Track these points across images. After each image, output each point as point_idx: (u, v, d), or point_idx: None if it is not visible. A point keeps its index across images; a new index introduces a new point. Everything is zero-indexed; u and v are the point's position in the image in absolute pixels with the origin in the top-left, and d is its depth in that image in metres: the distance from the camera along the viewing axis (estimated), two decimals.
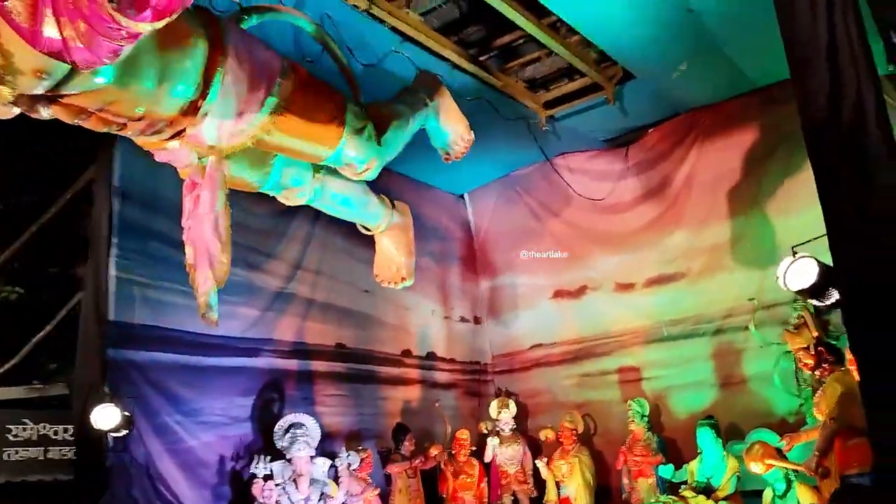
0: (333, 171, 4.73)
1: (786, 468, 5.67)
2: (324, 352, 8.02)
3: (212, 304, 3.76)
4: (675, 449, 8.44)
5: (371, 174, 4.52)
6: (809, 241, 4.43)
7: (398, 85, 6.28)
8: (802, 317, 5.67)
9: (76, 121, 3.39)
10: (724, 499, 6.56)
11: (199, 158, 3.81)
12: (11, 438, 5.68)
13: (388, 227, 5.11)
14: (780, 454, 5.89)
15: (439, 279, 10.12)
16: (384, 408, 8.67)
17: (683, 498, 6.44)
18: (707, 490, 6.61)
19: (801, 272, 4.18)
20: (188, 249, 3.82)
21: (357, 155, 4.24)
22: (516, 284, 10.54)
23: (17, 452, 5.65)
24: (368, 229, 5.19)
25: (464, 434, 8.54)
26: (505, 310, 10.60)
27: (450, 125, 5.17)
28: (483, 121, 5.09)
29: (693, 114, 9.06)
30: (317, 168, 4.61)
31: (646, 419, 8.07)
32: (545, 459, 8.42)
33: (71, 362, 6.32)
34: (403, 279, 5.17)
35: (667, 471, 7.40)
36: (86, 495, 5.68)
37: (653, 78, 8.01)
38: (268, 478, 6.43)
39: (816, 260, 4.29)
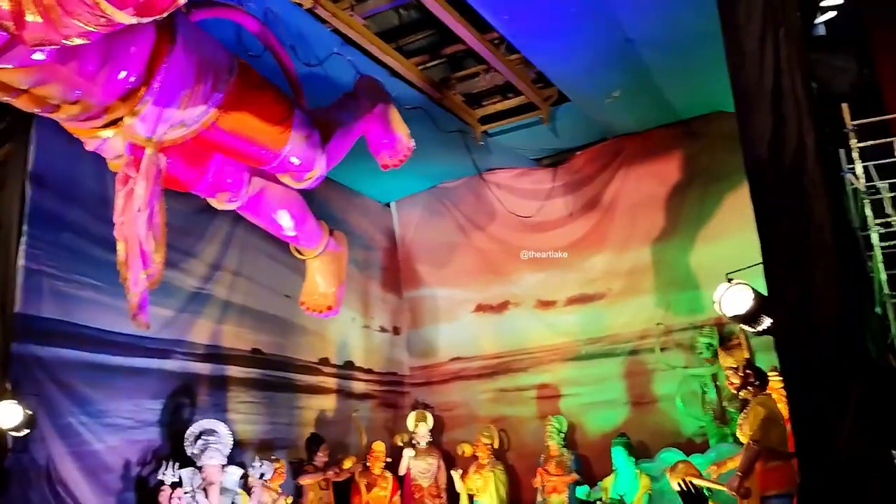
0: (272, 179, 4.61)
1: (708, 487, 5.86)
2: (239, 356, 7.76)
3: (144, 306, 3.57)
4: (588, 466, 8.63)
5: (312, 183, 4.41)
6: (743, 268, 4.62)
7: (335, 89, 6.24)
8: (738, 337, 5.88)
9: (4, 97, 3.17)
10: None
11: (131, 152, 3.63)
12: None
13: (321, 253, 5.00)
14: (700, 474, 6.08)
15: (361, 287, 10.00)
16: (299, 417, 8.47)
17: None
18: None
19: (736, 298, 4.35)
20: (119, 246, 3.61)
21: (301, 161, 4.12)
22: (438, 297, 10.54)
23: None
24: (301, 252, 5.07)
25: (379, 446, 8.45)
26: (425, 322, 10.57)
27: (392, 132, 5.13)
28: (416, 131, 5.07)
29: (620, 140, 9.34)
30: (254, 173, 4.47)
31: (562, 436, 8.18)
32: (460, 471, 8.42)
33: None
34: (329, 308, 5.06)
35: (582, 490, 7.52)
36: None
37: (586, 102, 8.21)
38: (176, 485, 6.14)
39: (752, 287, 4.47)
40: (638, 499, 6.84)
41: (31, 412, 5.41)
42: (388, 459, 8.50)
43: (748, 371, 5.72)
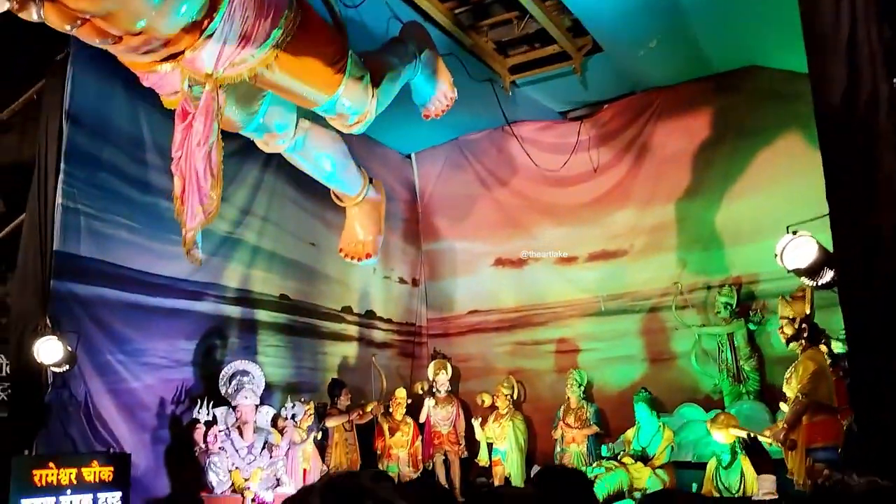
0: (320, 122, 4.60)
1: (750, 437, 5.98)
2: (268, 301, 7.84)
3: (198, 242, 3.61)
4: (604, 419, 8.75)
5: (361, 127, 4.40)
6: (808, 220, 4.55)
7: (369, 35, 6.17)
8: (802, 289, 5.87)
9: (67, 27, 3.15)
10: (660, 467, 6.85)
11: (189, 86, 3.61)
12: None
13: (361, 201, 5.01)
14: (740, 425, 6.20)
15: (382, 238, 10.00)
16: (322, 363, 8.58)
17: (623, 464, 6.69)
18: (643, 458, 6.89)
19: (800, 250, 4.29)
20: (176, 181, 3.63)
21: (352, 104, 4.11)
22: (457, 250, 10.56)
23: None
24: (341, 200, 5.08)
25: (401, 392, 8.58)
26: (444, 274, 10.62)
27: (436, 81, 5.10)
28: None
29: (650, 93, 9.25)
30: (303, 117, 4.46)
31: (583, 389, 8.29)
32: (480, 419, 8.56)
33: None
34: (368, 255, 5.09)
35: (604, 449, 7.61)
36: (21, 432, 5.39)
37: (619, 53, 8.11)
38: (210, 423, 6.27)
39: (816, 240, 4.42)
40: (661, 451, 6.96)
41: (71, 349, 5.49)
42: (409, 401, 8.62)
43: (804, 325, 5.72)
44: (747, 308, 8.53)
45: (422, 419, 8.67)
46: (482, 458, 8.54)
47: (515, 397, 8.80)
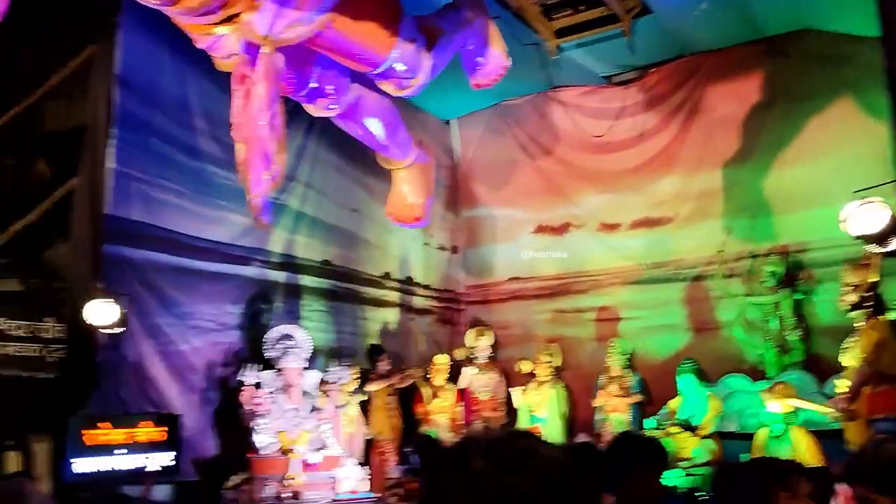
0: (371, 87, 4.55)
1: (808, 408, 5.90)
2: (311, 267, 7.88)
3: (265, 207, 3.61)
4: (646, 389, 8.69)
5: (414, 90, 4.36)
6: (874, 186, 4.38)
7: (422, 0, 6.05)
8: (869, 256, 5.71)
9: None
10: (707, 437, 6.80)
11: (245, 50, 3.58)
12: None
13: (410, 165, 4.97)
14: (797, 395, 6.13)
15: None
16: (363, 328, 8.62)
17: (670, 433, 6.66)
18: (688, 428, 6.84)
19: (868, 217, 4.14)
20: (238, 147, 3.62)
21: (406, 68, 4.07)
22: (497, 216, 10.48)
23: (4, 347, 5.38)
24: (389, 163, 5.04)
25: (442, 358, 8.60)
26: (483, 241, 10.56)
27: (488, 49, 5.00)
28: None
29: (697, 57, 9.01)
30: (354, 82, 4.43)
31: (626, 358, 8.22)
32: (521, 389, 8.56)
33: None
34: (417, 219, 5.07)
35: (649, 423, 7.54)
36: (76, 394, 5.50)
37: (669, 15, 7.91)
38: (257, 386, 6.35)
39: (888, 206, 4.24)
40: (708, 420, 6.89)
41: (124, 311, 5.57)
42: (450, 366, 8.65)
43: (869, 293, 5.58)
44: (794, 277, 8.37)
45: (461, 385, 8.69)
46: (522, 425, 8.55)
47: (558, 364, 8.74)
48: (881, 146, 8.10)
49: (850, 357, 5.53)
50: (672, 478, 6.12)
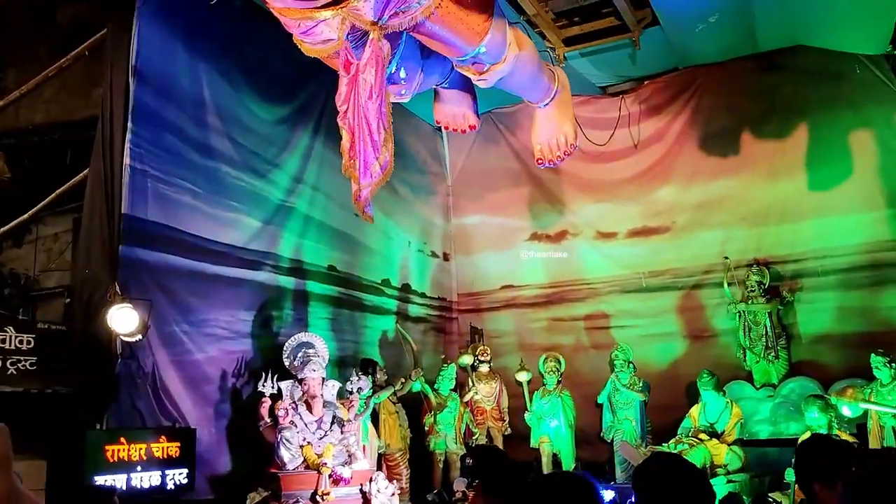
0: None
1: (883, 411, 5.95)
2: (317, 272, 7.59)
3: (368, 199, 3.39)
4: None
5: (491, 77, 4.25)
6: None
7: None
8: None
9: None
10: (733, 443, 6.80)
11: (346, 36, 3.36)
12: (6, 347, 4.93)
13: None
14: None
15: (416, 211, 9.80)
16: (364, 336, 8.36)
17: (700, 440, 6.63)
18: (715, 435, 6.83)
19: None
20: (345, 135, 3.40)
21: (491, 54, 3.94)
22: (490, 224, 10.38)
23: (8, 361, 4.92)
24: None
25: (447, 369, 8.37)
26: (476, 249, 10.44)
27: (558, 120, 5.05)
28: None
29: (694, 70, 9.14)
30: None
31: (631, 365, 8.17)
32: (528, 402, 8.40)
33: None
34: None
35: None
36: (92, 405, 5.09)
37: (676, 28, 7.98)
38: (275, 397, 6.03)
39: None
40: (731, 427, 6.90)
41: (145, 318, 5.20)
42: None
43: None
44: (777, 287, 8.54)
45: (466, 398, 8.47)
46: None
47: (562, 371, 8.62)
48: (874, 160, 8.38)
49: None
50: (716, 485, 6.08)
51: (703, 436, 6.72)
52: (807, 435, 6.15)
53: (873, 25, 7.66)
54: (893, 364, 6.44)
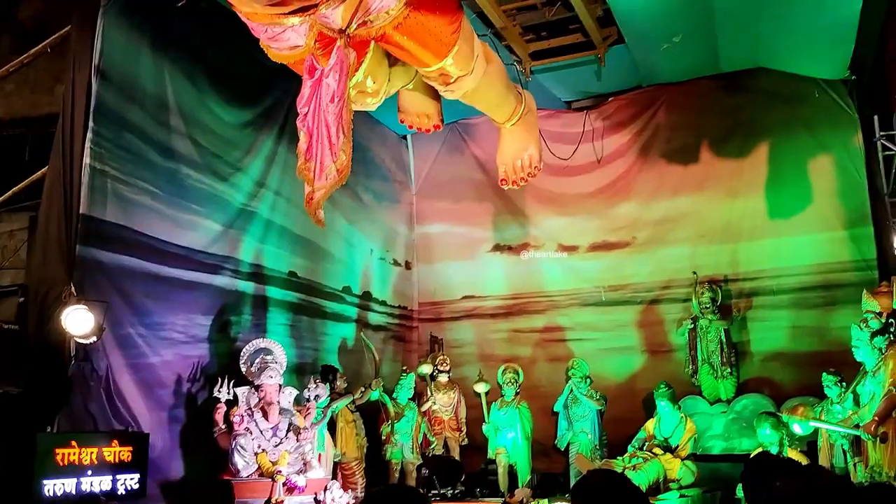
0: None
1: (833, 430, 6.05)
2: (278, 278, 7.54)
3: (321, 202, 3.40)
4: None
5: (456, 87, 4.27)
6: None
7: None
8: (888, 284, 5.90)
9: None
10: (686, 458, 6.90)
11: (315, 41, 3.37)
12: None
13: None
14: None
15: (379, 219, 9.81)
16: (324, 344, 8.31)
17: (654, 455, 6.71)
18: (669, 449, 6.92)
19: None
20: (302, 136, 3.41)
21: (458, 66, 3.97)
22: (452, 234, 10.41)
23: None
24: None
25: (406, 378, 8.36)
26: (437, 258, 10.45)
27: (521, 139, 5.07)
28: None
29: (657, 88, 9.31)
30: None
31: (588, 380, 8.24)
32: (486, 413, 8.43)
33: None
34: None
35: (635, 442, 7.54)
36: (44, 407, 4.99)
37: (640, 46, 8.12)
38: (230, 403, 5.97)
39: None
40: (685, 442, 7.00)
41: (101, 320, 5.12)
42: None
43: (892, 320, 5.75)
44: (728, 305, 8.71)
45: (424, 408, 8.47)
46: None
47: (521, 383, 8.65)
48: (831, 181, 8.62)
49: (876, 383, 5.71)
50: (669, 500, 6.18)
51: (657, 450, 6.81)
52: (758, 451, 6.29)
53: (832, 50, 7.88)
54: (843, 383, 6.62)
